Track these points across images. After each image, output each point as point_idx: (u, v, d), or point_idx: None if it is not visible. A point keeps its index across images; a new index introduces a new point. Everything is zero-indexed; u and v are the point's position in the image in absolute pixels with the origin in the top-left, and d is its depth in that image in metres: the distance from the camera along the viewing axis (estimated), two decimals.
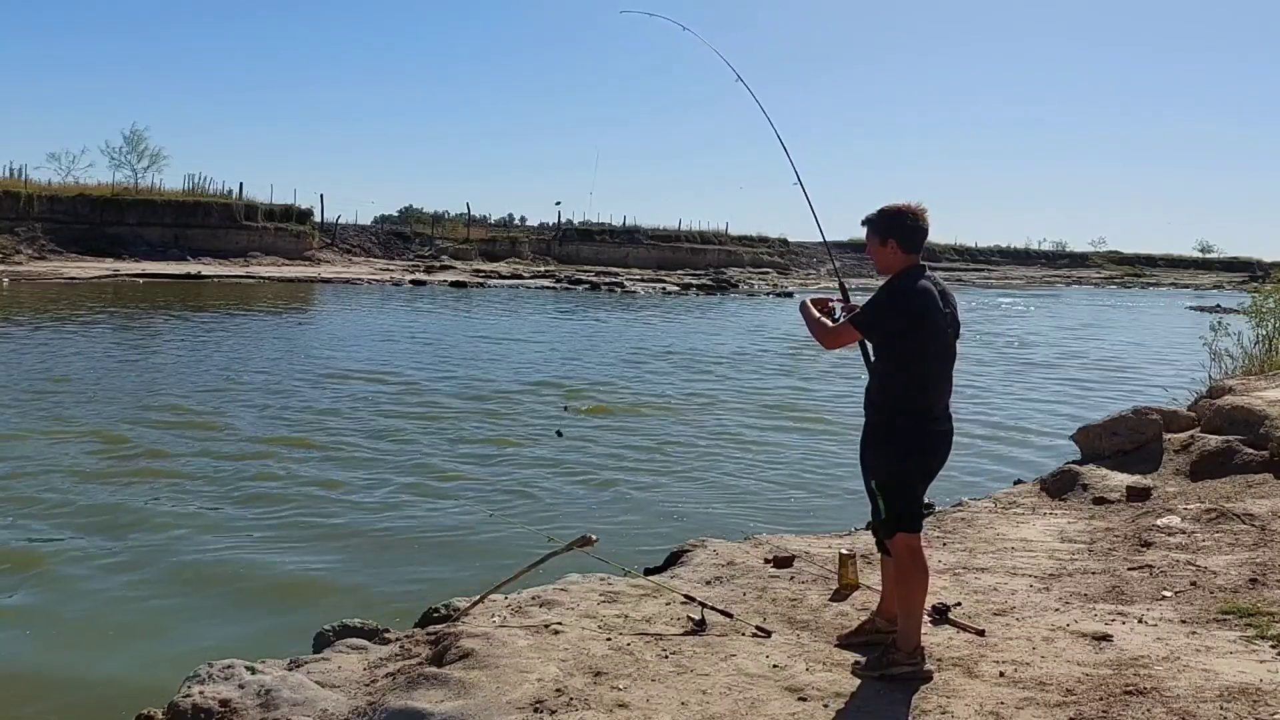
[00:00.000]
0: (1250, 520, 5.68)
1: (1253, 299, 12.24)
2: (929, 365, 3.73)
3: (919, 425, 3.74)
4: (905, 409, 3.73)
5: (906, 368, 3.72)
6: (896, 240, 3.77)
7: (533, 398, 14.26)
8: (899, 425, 3.74)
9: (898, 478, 3.76)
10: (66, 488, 8.51)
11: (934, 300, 3.71)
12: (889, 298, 3.73)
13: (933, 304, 3.70)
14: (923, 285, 3.71)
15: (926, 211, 3.81)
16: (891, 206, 3.82)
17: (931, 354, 3.73)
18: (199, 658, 4.29)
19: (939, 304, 3.72)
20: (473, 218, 60.28)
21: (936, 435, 3.77)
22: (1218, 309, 31.93)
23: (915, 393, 3.73)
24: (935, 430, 3.76)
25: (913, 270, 3.77)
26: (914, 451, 3.75)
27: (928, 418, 3.74)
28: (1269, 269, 27.56)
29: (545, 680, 3.66)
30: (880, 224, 3.80)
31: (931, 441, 3.77)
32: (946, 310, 3.77)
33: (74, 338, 18.98)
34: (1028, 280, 70.71)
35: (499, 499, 8.78)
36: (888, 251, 3.79)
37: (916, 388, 3.73)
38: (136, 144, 50.81)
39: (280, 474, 9.32)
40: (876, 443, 3.82)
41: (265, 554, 7.14)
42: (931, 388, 3.75)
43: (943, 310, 3.74)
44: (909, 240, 3.78)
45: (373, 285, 40.60)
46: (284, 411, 12.42)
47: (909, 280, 3.74)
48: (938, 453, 3.80)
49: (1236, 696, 3.38)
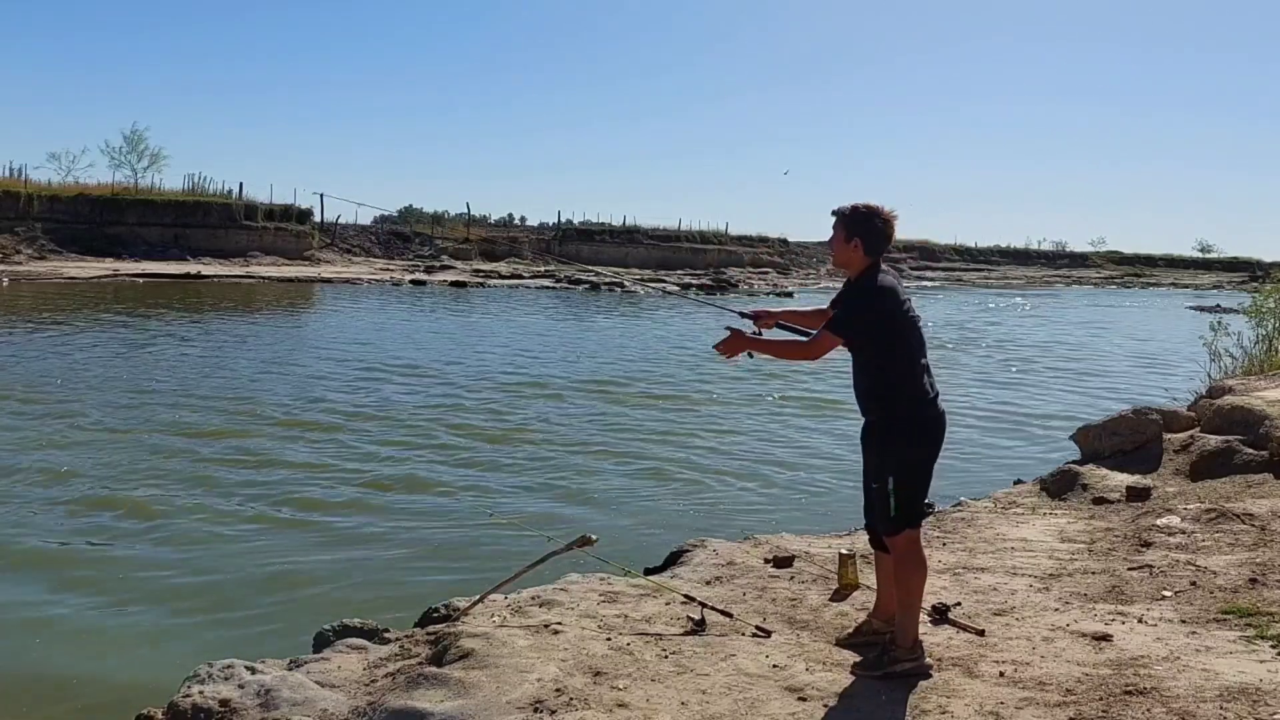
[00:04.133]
0: (1250, 520, 5.68)
1: (1253, 299, 12.24)
2: (914, 352, 3.81)
3: (918, 411, 3.79)
4: (904, 398, 3.79)
5: (896, 359, 3.78)
6: (861, 240, 3.82)
7: (532, 397, 14.26)
8: (900, 415, 3.79)
9: (910, 468, 3.77)
10: (66, 488, 8.50)
11: (897, 289, 3.82)
12: (862, 297, 3.82)
13: (898, 293, 3.82)
14: (887, 280, 3.82)
15: (897, 218, 3.86)
16: (865, 206, 3.85)
17: (913, 342, 3.82)
18: (199, 658, 4.29)
19: (900, 291, 3.84)
20: (473, 218, 60.30)
21: (934, 419, 3.82)
22: (1218, 309, 31.93)
23: (909, 380, 3.79)
24: (933, 414, 3.82)
25: (873, 268, 3.84)
26: (918, 439, 3.79)
27: (925, 403, 3.80)
28: (1269, 269, 27.52)
29: (545, 680, 3.66)
30: (850, 220, 3.84)
31: (933, 428, 3.82)
32: (906, 297, 3.86)
33: (74, 337, 18.96)
34: (1027, 280, 70.66)
35: (499, 499, 8.78)
36: (851, 249, 3.84)
37: (909, 376, 3.79)
38: (136, 144, 50.84)
39: (279, 474, 9.31)
40: (881, 439, 3.84)
41: (265, 554, 7.14)
42: (920, 373, 3.81)
43: (904, 294, 3.85)
44: (874, 243, 3.83)
45: (372, 285, 40.60)
46: (283, 412, 12.41)
47: (871, 278, 3.82)
48: (938, 436, 3.85)
49: (1236, 696, 3.38)
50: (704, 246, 61.05)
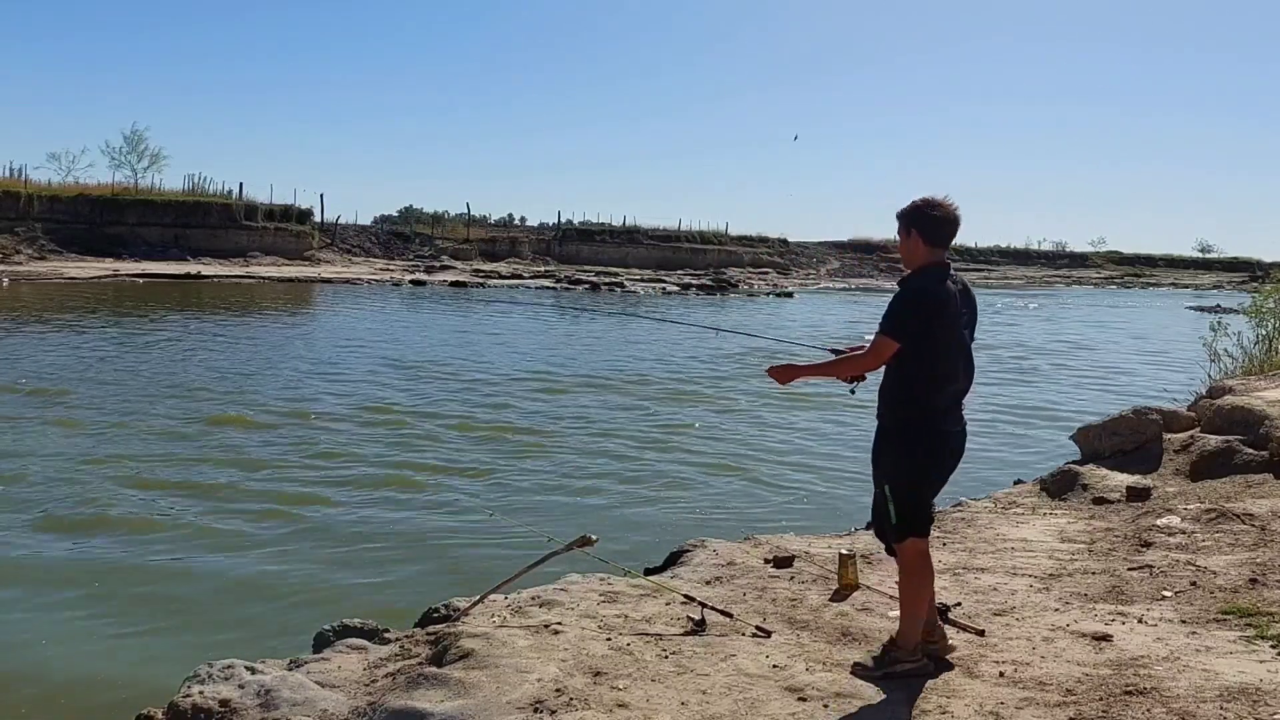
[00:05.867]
0: (1250, 520, 5.68)
1: (1253, 299, 12.24)
2: (944, 364, 3.67)
3: (931, 425, 3.69)
4: (919, 408, 3.68)
5: (922, 366, 3.65)
6: (919, 231, 3.72)
7: (532, 397, 14.26)
8: (911, 425, 3.69)
9: (908, 481, 3.70)
10: (66, 488, 8.51)
11: (948, 297, 3.66)
12: (903, 299, 3.68)
13: (947, 301, 3.66)
14: (934, 285, 3.67)
15: (955, 206, 3.74)
16: (920, 199, 3.78)
17: (948, 352, 3.68)
18: (199, 658, 4.29)
19: (954, 301, 3.68)
20: (473, 218, 60.29)
21: (947, 436, 3.72)
22: (1218, 309, 31.95)
23: (931, 391, 3.67)
24: (947, 430, 3.71)
25: (930, 269, 3.72)
26: (924, 453, 3.70)
27: (940, 417, 3.70)
28: (1269, 269, 27.51)
29: (545, 680, 3.66)
30: (906, 216, 3.77)
31: (942, 442, 3.72)
32: (964, 310, 3.74)
33: (74, 337, 18.96)
34: (1027, 280, 70.65)
35: (499, 499, 8.78)
36: (912, 243, 3.75)
37: (932, 386, 3.67)
38: (136, 144, 50.90)
39: (278, 474, 9.32)
40: (888, 445, 3.76)
41: (265, 554, 7.15)
42: (947, 386, 3.70)
43: (959, 309, 3.70)
44: (932, 232, 3.72)
45: (372, 285, 40.60)
46: (282, 411, 12.42)
47: (924, 279, 3.70)
48: (949, 455, 3.75)
49: (1236, 696, 3.38)
50: (704, 247, 61.05)
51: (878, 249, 68.93)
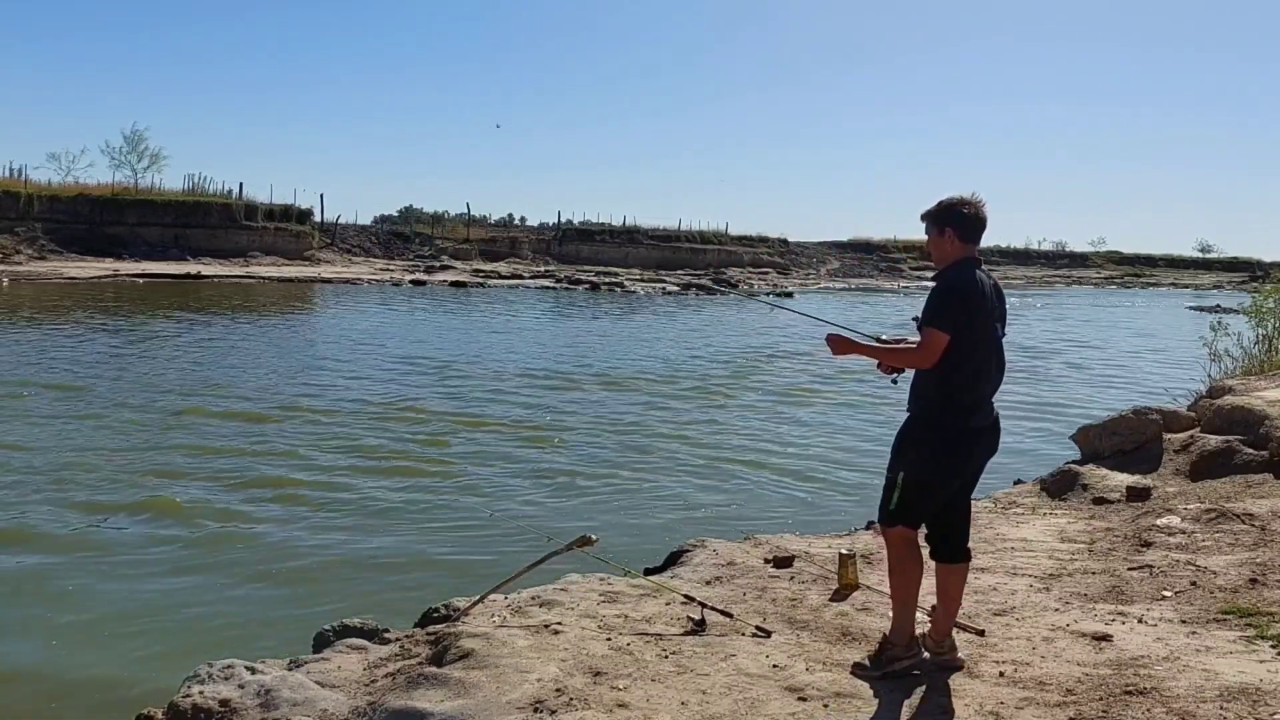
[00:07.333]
0: (1250, 520, 5.68)
1: (1253, 299, 12.24)
2: (978, 360, 3.69)
3: (960, 422, 3.70)
4: (951, 403, 3.69)
5: (957, 360, 3.65)
6: (954, 229, 3.77)
7: (532, 397, 14.26)
8: (940, 421, 3.70)
9: (925, 477, 3.71)
10: (66, 488, 8.51)
11: (982, 291, 3.69)
12: (944, 292, 3.70)
13: (985, 293, 3.70)
14: (971, 277, 3.71)
15: (984, 203, 3.81)
16: (947, 198, 3.84)
17: (982, 347, 3.70)
18: (199, 657, 4.29)
19: (989, 297, 3.72)
20: (473, 218, 60.28)
21: (979, 433, 3.74)
22: (1218, 309, 31.94)
23: (964, 386, 3.69)
24: (976, 427, 3.73)
25: (963, 263, 3.76)
26: (948, 453, 3.71)
27: (971, 412, 3.71)
28: (1269, 269, 27.52)
29: (545, 680, 3.66)
30: (936, 215, 3.82)
31: (971, 439, 3.73)
32: (997, 305, 3.78)
33: (73, 337, 18.96)
34: (1028, 280, 70.62)
35: (499, 499, 8.78)
36: (945, 241, 3.79)
37: (966, 381, 3.69)
38: (136, 144, 50.84)
39: (277, 473, 9.32)
40: (915, 437, 3.77)
41: (264, 553, 7.15)
42: (981, 381, 3.73)
43: (992, 304, 3.73)
44: (966, 229, 3.77)
45: (373, 285, 40.59)
46: (281, 411, 12.41)
47: (959, 272, 3.73)
48: (975, 452, 3.77)
49: (1236, 696, 3.38)
50: (704, 247, 61.05)
51: (878, 249, 68.96)
